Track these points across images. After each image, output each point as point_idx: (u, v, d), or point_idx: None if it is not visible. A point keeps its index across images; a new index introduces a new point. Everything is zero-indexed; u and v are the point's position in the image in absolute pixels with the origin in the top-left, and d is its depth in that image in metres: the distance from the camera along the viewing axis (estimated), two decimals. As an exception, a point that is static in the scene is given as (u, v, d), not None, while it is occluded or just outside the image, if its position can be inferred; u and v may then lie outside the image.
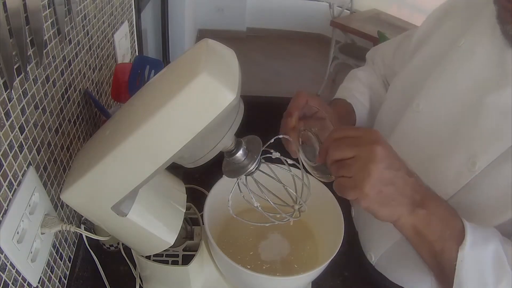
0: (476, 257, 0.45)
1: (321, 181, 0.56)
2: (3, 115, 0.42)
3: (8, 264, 0.44)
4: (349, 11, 3.71)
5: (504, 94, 0.49)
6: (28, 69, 0.48)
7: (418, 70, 0.65)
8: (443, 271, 0.48)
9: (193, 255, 0.57)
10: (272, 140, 0.49)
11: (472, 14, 0.58)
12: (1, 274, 0.42)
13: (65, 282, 0.62)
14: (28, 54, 0.48)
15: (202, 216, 0.58)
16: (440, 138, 0.57)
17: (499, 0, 0.48)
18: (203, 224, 0.58)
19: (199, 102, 0.34)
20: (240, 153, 0.44)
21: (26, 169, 0.48)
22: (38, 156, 0.52)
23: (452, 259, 0.45)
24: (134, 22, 1.22)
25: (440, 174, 0.55)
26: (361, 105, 0.78)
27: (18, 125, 0.46)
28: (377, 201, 0.44)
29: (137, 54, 1.29)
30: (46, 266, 0.54)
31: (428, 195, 0.47)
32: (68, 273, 0.63)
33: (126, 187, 0.40)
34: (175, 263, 0.57)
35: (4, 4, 0.40)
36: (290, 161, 0.50)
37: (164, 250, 0.52)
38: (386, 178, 0.43)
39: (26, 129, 0.48)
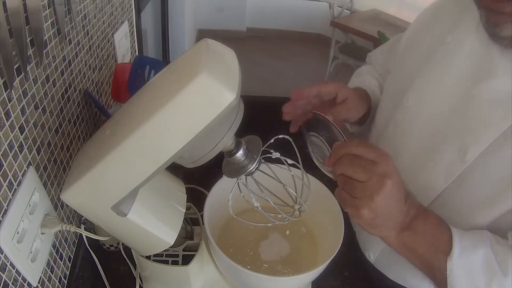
0: (465, 265, 0.46)
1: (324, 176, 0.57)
2: (3, 115, 0.42)
3: (8, 264, 0.44)
4: (349, 11, 3.70)
5: (492, 83, 0.50)
6: (28, 69, 0.48)
7: (409, 68, 0.66)
8: (436, 279, 0.50)
9: (193, 255, 0.57)
10: (272, 140, 0.49)
11: (459, 11, 0.59)
12: (1, 274, 0.42)
13: (65, 282, 0.62)
14: (28, 54, 0.48)
15: (202, 216, 0.58)
16: (430, 131, 0.58)
17: (485, 4, 0.48)
18: (203, 224, 0.58)
19: (199, 102, 0.34)
20: (240, 153, 0.44)
21: (26, 169, 0.48)
22: (38, 156, 0.52)
23: (443, 268, 0.47)
24: (134, 22, 1.22)
25: (432, 167, 0.56)
26: (373, 93, 0.79)
27: (18, 125, 0.46)
28: (368, 223, 0.46)
29: (137, 54, 1.29)
30: (46, 266, 0.54)
31: (417, 215, 0.49)
32: (68, 273, 0.63)
33: (126, 187, 0.40)
34: (175, 263, 0.57)
35: (4, 4, 0.40)
36: (290, 161, 0.50)
37: (164, 250, 0.52)
38: (384, 209, 0.45)
39: (26, 129, 0.48)
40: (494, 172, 0.50)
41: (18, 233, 0.45)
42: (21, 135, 0.47)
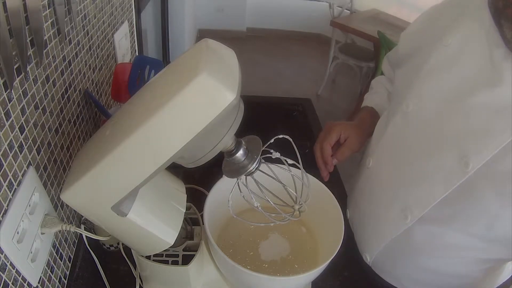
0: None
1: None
2: (3, 115, 0.42)
3: (8, 264, 0.44)
4: (349, 11, 3.70)
5: (496, 92, 0.48)
6: (28, 69, 0.48)
7: (408, 71, 0.65)
8: None
9: (193, 255, 0.57)
10: (272, 140, 0.49)
11: (459, 14, 0.57)
12: (1, 274, 0.42)
13: (65, 282, 0.62)
14: (28, 54, 0.48)
15: (202, 216, 0.58)
16: (429, 137, 0.56)
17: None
18: (203, 224, 0.58)
19: (199, 102, 0.34)
20: (240, 153, 0.44)
21: (26, 169, 0.48)
22: (38, 156, 0.52)
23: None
24: (134, 22, 1.22)
25: (431, 173, 0.55)
26: (381, 107, 0.82)
27: (18, 125, 0.46)
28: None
29: (137, 54, 1.29)
30: (46, 266, 0.54)
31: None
32: (68, 273, 0.63)
33: (126, 187, 0.40)
34: (175, 263, 0.57)
35: (4, 4, 0.40)
36: (290, 161, 0.50)
37: (164, 250, 0.52)
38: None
39: (26, 129, 0.48)
40: (495, 184, 0.49)
41: (18, 233, 0.45)
42: (21, 135, 0.47)
